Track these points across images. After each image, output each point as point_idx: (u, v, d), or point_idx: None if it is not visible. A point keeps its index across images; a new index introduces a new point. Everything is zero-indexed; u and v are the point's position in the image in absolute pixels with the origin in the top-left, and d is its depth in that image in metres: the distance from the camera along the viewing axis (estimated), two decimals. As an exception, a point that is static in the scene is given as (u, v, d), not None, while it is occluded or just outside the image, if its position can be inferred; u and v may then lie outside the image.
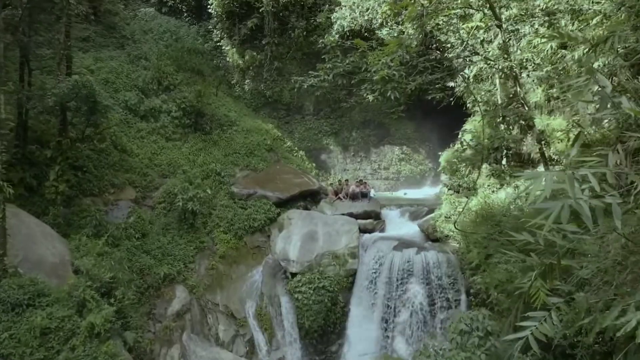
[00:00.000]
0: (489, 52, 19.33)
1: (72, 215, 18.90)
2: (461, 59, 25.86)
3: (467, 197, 21.18)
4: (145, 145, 24.62)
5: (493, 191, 23.49)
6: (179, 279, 19.28)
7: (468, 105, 27.88)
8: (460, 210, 18.32)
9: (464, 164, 25.16)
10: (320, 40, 29.49)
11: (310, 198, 24.75)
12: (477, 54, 16.62)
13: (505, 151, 22.72)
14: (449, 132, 32.77)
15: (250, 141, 27.24)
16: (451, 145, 27.89)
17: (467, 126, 26.68)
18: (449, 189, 27.79)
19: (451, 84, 26.97)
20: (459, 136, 29.19)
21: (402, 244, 19.07)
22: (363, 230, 20.84)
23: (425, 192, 30.92)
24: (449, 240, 18.72)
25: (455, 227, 15.44)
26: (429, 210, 22.60)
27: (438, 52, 25.07)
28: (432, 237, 19.20)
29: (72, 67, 25.13)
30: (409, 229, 21.21)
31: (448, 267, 17.16)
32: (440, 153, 27.49)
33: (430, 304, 17.05)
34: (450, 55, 25.67)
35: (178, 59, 29.47)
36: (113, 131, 22.96)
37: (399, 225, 21.81)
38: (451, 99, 26.82)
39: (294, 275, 18.83)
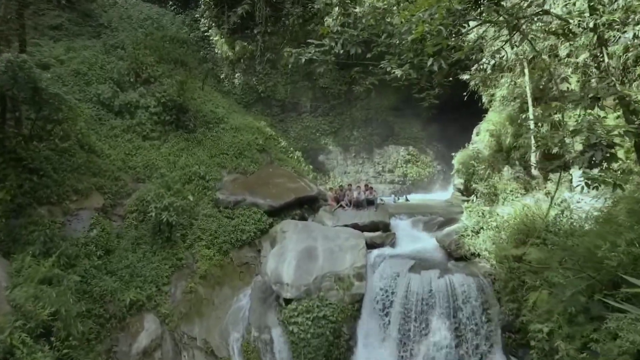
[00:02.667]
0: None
1: (20, 229, 15.15)
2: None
3: (488, 206, 17.64)
4: (118, 144, 20.94)
5: (516, 197, 20.08)
6: (149, 305, 15.57)
7: (484, 100, 24.45)
8: (493, 222, 14.73)
9: (482, 166, 21.65)
10: (319, 29, 25.88)
11: (307, 205, 21.09)
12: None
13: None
14: (460, 130, 29.24)
15: (240, 140, 23.57)
16: (466, 145, 24.40)
17: (485, 125, 23.13)
18: (463, 195, 24.38)
19: (464, 76, 23.52)
20: (474, 134, 25.70)
21: (420, 263, 15.40)
22: (370, 245, 17.20)
23: (433, 197, 27.33)
24: (478, 259, 15.09)
25: (523, 261, 11.44)
26: (445, 220, 18.96)
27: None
28: (456, 255, 15.51)
29: (37, 56, 21.70)
30: (425, 243, 17.57)
31: (480, 296, 13.48)
32: (453, 154, 23.94)
33: (457, 344, 13.33)
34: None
35: (159, 49, 25.78)
36: (79, 128, 19.23)
37: (412, 239, 18.14)
38: (464, 93, 23.73)
39: (288, 301, 15.11)
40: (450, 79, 9.34)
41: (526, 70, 18.69)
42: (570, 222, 13.19)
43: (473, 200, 18.00)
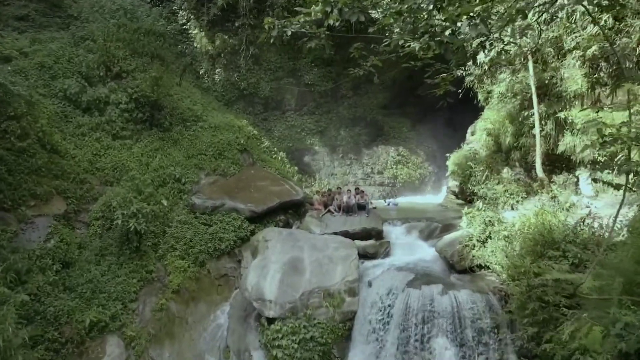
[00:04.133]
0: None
1: (-35, 240, 13.11)
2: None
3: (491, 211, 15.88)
4: (85, 144, 18.84)
5: (517, 201, 18.43)
6: (113, 326, 13.53)
7: (479, 97, 22.76)
8: (503, 231, 12.97)
9: (481, 168, 19.96)
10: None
11: (292, 210, 19.22)
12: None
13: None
14: (452, 130, 27.63)
15: (220, 140, 21.59)
16: (461, 146, 22.70)
17: (482, 123, 21.42)
18: (458, 198, 22.66)
19: (460, 72, 21.79)
20: (469, 134, 24.03)
21: (419, 276, 13.57)
22: (363, 255, 15.39)
23: (425, 200, 25.61)
24: (484, 272, 13.32)
25: (577, 292, 9.41)
26: (443, 226, 17.20)
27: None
28: (459, 268, 13.70)
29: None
30: (423, 252, 15.80)
31: (490, 316, 11.67)
32: (448, 154, 22.23)
33: (466, 371, 11.52)
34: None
35: (133, 42, 23.61)
36: (40, 126, 17.13)
37: (408, 248, 16.35)
38: (459, 90, 22.03)
39: (271, 321, 13.20)
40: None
41: (530, 63, 16.98)
42: (592, 231, 11.46)
43: (479, 206, 16.17)
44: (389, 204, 23.59)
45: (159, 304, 14.58)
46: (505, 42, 16.14)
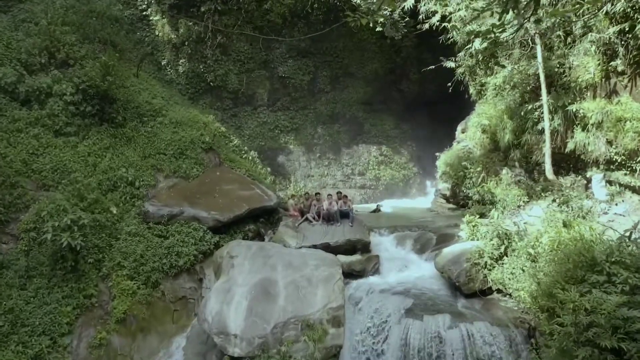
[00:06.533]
0: None
1: None
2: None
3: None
4: (20, 141, 15.76)
5: (519, 206, 16.03)
6: (36, 370, 10.58)
7: (471, 91, 20.34)
8: (528, 248, 10.40)
9: (478, 169, 17.52)
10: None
11: (264, 219, 16.44)
12: None
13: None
14: (439, 127, 25.19)
15: (182, 137, 18.66)
16: (453, 144, 20.26)
17: (476, 119, 18.96)
18: (449, 202, 20.20)
19: (450, 64, 19.33)
20: (458, 131, 21.58)
21: (419, 302, 10.88)
22: (348, 274, 12.69)
23: (412, 204, 23.13)
24: (497, 295, 10.75)
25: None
26: (439, 236, 14.64)
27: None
28: (467, 291, 11.03)
29: None
30: (418, 269, 13.16)
31: (513, 357, 9.06)
32: (438, 154, 19.77)
33: None
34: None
35: (83, 26, 20.55)
36: (-38, 120, 14.05)
37: (400, 263, 13.68)
38: (449, 84, 19.59)
39: (236, 360, 10.41)
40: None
41: (538, 47, 14.51)
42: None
43: (494, 215, 13.62)
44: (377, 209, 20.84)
45: (97, 338, 11.62)
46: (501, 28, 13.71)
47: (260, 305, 10.96)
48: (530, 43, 15.14)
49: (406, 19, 19.53)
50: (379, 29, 17.55)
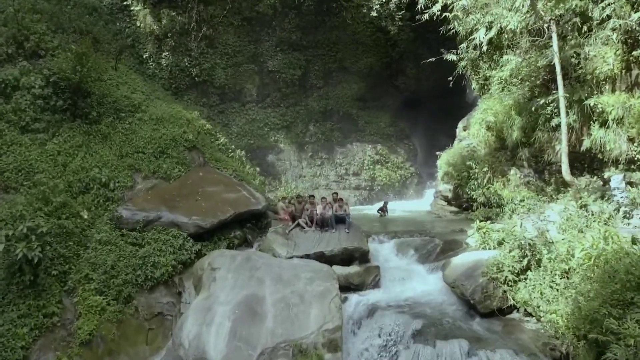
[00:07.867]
0: None
1: None
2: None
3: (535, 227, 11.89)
4: (-18, 139, 14.08)
5: (529, 209, 14.65)
6: (-19, 406, 8.99)
7: (473, 86, 18.95)
8: (561, 263, 8.92)
9: (484, 169, 16.11)
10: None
11: (251, 224, 14.88)
12: None
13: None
14: (437, 125, 23.80)
15: (163, 135, 17.04)
16: (456, 143, 18.85)
17: (480, 116, 17.53)
18: (450, 204, 18.77)
19: (451, 56, 17.92)
20: (460, 129, 20.16)
21: (428, 323, 9.35)
22: (345, 287, 11.17)
23: (410, 205, 21.68)
24: (517, 314, 9.27)
25: None
26: (444, 244, 13.15)
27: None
28: (483, 310, 9.54)
29: None
30: (423, 282, 11.65)
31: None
32: (438, 153, 18.39)
33: None
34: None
35: (57, 15, 18.93)
36: None
37: (403, 274, 12.14)
38: (450, 78, 18.21)
39: (217, 393, 8.85)
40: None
41: (554, 35, 13.08)
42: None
43: (516, 222, 12.15)
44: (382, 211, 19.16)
45: (58, 364, 10.03)
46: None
47: (245, 328, 9.41)
48: (546, 30, 13.64)
49: (402, 11, 18.31)
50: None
